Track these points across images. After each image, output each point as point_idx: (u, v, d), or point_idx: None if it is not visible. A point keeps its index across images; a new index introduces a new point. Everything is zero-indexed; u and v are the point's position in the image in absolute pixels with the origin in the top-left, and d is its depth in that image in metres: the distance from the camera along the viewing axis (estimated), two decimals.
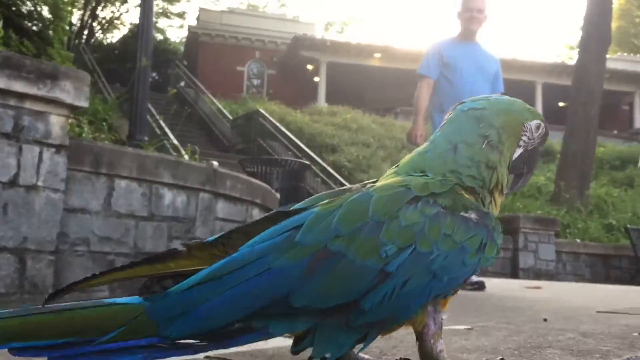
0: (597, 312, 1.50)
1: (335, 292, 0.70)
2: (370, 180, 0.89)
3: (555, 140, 17.30)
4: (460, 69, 4.36)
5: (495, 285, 4.95)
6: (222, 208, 4.55)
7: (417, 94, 4.43)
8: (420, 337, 0.78)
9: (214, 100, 16.74)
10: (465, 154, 0.85)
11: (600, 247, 10.14)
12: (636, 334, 1.13)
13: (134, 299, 0.72)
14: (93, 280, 0.80)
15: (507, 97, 0.95)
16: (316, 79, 23.60)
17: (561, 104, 23.31)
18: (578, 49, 13.45)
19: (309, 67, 24.05)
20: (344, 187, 0.85)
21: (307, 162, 7.72)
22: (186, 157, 5.24)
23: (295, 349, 0.72)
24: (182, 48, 27.10)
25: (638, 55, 28.14)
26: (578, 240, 10.23)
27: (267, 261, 0.71)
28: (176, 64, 20.26)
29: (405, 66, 21.86)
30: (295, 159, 7.77)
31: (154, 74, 24.24)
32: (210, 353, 0.79)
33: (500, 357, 0.89)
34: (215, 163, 4.52)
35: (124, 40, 23.83)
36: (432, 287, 0.74)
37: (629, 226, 9.61)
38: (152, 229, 3.85)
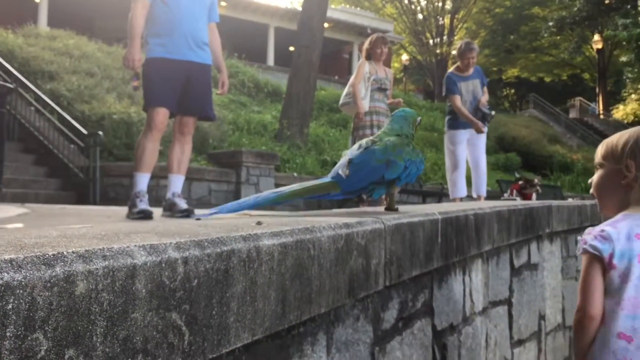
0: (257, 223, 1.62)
1: (395, 173, 1.78)
2: (371, 138, 1.94)
3: (283, 81, 18.23)
4: None
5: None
6: None
7: (132, 16, 4.17)
8: (392, 194, 1.90)
9: None
10: (407, 129, 1.95)
11: (315, 179, 11.11)
12: (253, 224, 1.20)
13: (331, 179, 1.84)
14: None
15: (410, 109, 2.12)
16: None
17: (292, 48, 24.53)
18: None
19: None
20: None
21: (10, 85, 6.87)
22: None
23: (371, 199, 1.95)
24: None
25: (358, 7, 30.83)
26: (295, 174, 11.05)
27: (374, 164, 1.79)
28: None
29: None
30: None
31: None
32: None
33: (258, 221, 1.30)
34: None
35: None
36: (415, 174, 1.87)
37: (336, 161, 10.67)
38: None
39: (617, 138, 1.60)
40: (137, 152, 4.36)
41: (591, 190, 1.64)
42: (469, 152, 6.43)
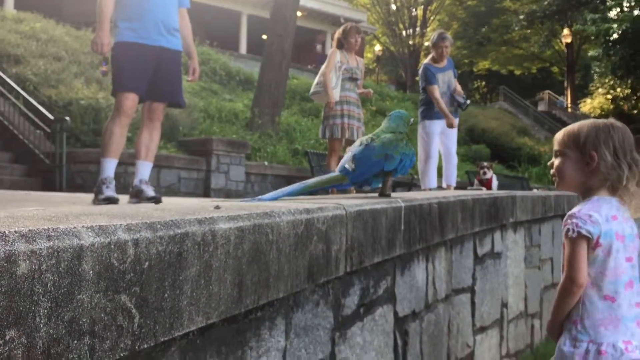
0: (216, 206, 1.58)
1: (392, 165, 2.04)
2: (370, 135, 2.18)
3: (256, 70, 18.13)
4: None
5: (174, 201, 5.02)
6: None
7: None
8: (386, 181, 2.11)
9: None
10: (403, 127, 2.19)
11: (286, 168, 11.08)
12: (212, 207, 1.19)
13: (340, 173, 2.08)
14: None
15: (404, 111, 2.33)
16: None
17: (264, 36, 24.37)
18: None
19: None
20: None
21: None
22: None
23: (372, 190, 2.21)
24: None
25: None
26: (266, 163, 11.01)
27: (374, 158, 2.03)
28: None
29: None
30: None
31: None
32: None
33: (216, 205, 1.28)
34: None
35: None
36: (408, 166, 2.11)
37: (308, 150, 10.65)
38: None
39: (578, 129, 1.87)
40: (105, 137, 4.29)
41: (552, 171, 1.91)
42: (441, 143, 6.46)
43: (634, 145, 1.81)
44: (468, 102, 6.38)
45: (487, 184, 5.78)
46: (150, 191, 4.30)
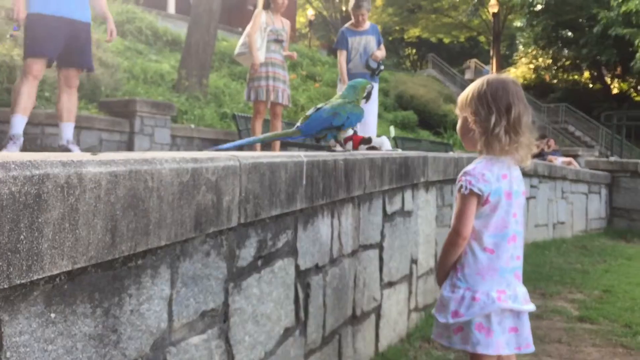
0: None
1: (340, 121, 2.55)
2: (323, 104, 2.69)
3: (184, 30, 17.61)
4: None
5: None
6: None
7: None
8: (339, 133, 2.65)
9: None
10: (352, 96, 2.63)
11: (213, 132, 10.90)
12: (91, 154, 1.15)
13: (296, 128, 2.64)
14: None
15: (363, 79, 2.81)
16: None
17: None
18: None
19: None
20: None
21: None
22: None
23: (326, 143, 2.89)
24: None
25: None
26: (192, 126, 10.80)
27: (325, 115, 2.56)
28: None
29: None
30: None
31: None
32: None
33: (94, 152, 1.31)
34: None
35: None
36: (355, 121, 2.62)
37: (236, 113, 10.51)
38: None
39: (465, 91, 2.02)
40: (14, 96, 4.44)
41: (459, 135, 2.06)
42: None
43: (517, 96, 1.91)
44: (382, 67, 6.43)
45: (351, 140, 5.58)
46: (77, 151, 4.48)
